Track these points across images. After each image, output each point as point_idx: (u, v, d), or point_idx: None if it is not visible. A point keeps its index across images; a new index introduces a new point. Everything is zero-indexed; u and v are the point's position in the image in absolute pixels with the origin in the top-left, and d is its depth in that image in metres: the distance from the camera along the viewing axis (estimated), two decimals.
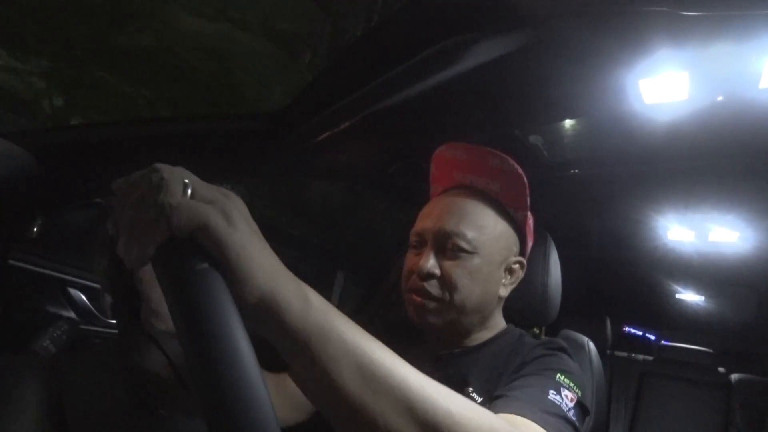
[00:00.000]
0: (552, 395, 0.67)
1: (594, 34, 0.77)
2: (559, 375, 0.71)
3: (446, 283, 0.81)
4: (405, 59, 0.85)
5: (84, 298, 1.13)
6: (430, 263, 0.81)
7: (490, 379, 0.80)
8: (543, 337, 1.34)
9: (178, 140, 0.97)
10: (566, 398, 0.68)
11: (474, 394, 0.79)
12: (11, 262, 0.96)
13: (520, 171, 0.84)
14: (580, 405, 0.71)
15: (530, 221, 0.91)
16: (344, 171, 1.31)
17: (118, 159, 0.93)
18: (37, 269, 1.01)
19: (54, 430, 0.54)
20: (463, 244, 0.81)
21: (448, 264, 0.81)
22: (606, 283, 3.03)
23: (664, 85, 0.91)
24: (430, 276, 0.81)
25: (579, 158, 1.36)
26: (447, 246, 0.81)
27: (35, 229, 0.91)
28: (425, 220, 0.85)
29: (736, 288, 3.00)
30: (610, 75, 0.89)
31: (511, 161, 0.85)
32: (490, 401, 0.75)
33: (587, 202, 1.67)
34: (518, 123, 1.16)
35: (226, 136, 1.01)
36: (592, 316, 2.78)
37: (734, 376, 2.70)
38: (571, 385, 0.71)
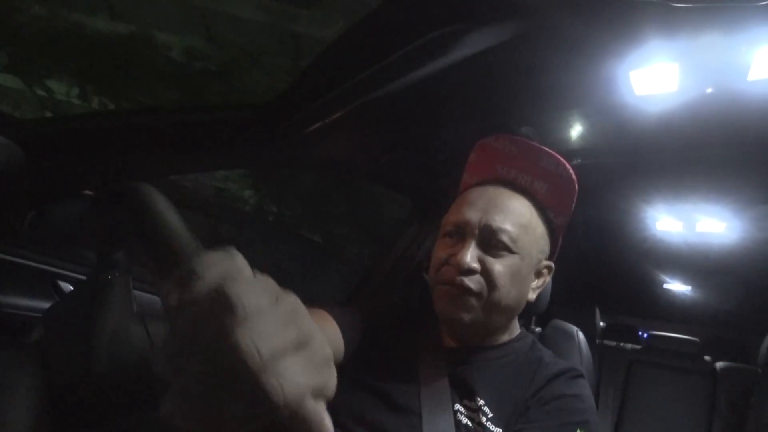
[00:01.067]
0: None
1: (585, 25, 0.77)
2: (578, 431, 0.69)
3: (487, 279, 0.77)
4: (396, 49, 0.84)
5: None
6: (472, 257, 0.77)
7: (500, 389, 0.77)
8: (534, 327, 1.36)
9: (170, 130, 0.96)
10: None
11: (486, 408, 0.74)
12: (0, 255, 0.95)
13: (573, 176, 0.82)
14: None
15: None
16: (337, 161, 1.30)
17: (108, 150, 0.92)
18: (26, 262, 1.00)
19: (49, 417, 0.54)
20: (509, 243, 0.77)
21: (490, 260, 0.77)
22: (596, 274, 3.06)
23: (654, 77, 0.92)
24: (471, 271, 0.76)
25: (570, 149, 1.36)
26: (491, 242, 0.78)
27: (25, 223, 0.90)
28: (467, 211, 0.81)
29: (722, 277, 3.05)
30: (601, 66, 0.90)
31: (566, 165, 0.82)
32: (505, 426, 0.72)
33: (578, 192, 1.68)
34: (509, 113, 1.17)
35: (217, 126, 1.00)
36: (582, 305, 2.81)
37: (719, 364, 2.76)
38: None
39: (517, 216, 0.80)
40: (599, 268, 3.01)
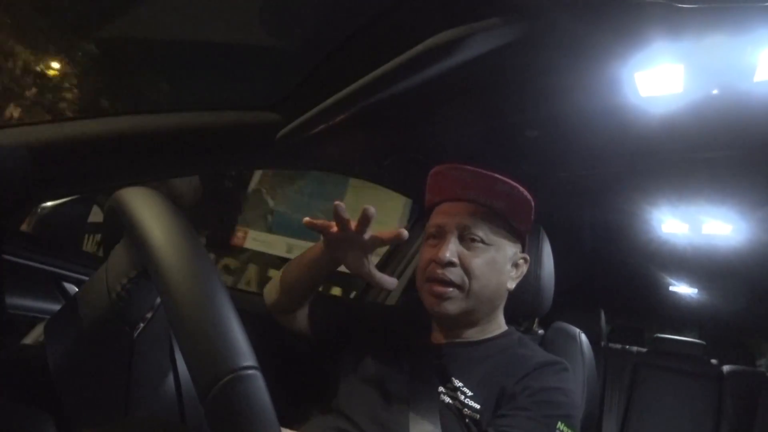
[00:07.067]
0: None
1: (590, 27, 0.77)
2: (560, 424, 0.74)
3: (466, 271, 0.85)
4: (400, 52, 0.84)
5: None
6: (451, 252, 0.85)
7: (482, 375, 0.83)
8: (536, 328, 1.35)
9: (174, 133, 0.96)
10: None
11: (465, 389, 0.81)
12: (5, 256, 0.95)
13: (528, 197, 0.87)
14: None
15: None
16: (340, 163, 1.31)
17: (113, 153, 0.92)
18: (31, 264, 1.01)
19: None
20: (483, 236, 0.86)
21: (468, 254, 0.86)
22: (600, 276, 3.04)
23: (659, 78, 0.92)
24: (450, 264, 0.84)
25: (574, 151, 1.36)
26: (467, 237, 0.86)
27: (30, 224, 0.91)
28: (445, 216, 0.90)
29: (728, 280, 3.02)
30: (606, 67, 0.89)
31: (520, 188, 0.86)
32: (483, 403, 0.78)
33: (582, 194, 1.68)
34: (514, 116, 1.16)
35: (222, 128, 1.01)
36: (587, 308, 2.80)
37: (726, 368, 2.73)
38: None
39: (484, 218, 0.88)
40: (604, 271, 2.99)
